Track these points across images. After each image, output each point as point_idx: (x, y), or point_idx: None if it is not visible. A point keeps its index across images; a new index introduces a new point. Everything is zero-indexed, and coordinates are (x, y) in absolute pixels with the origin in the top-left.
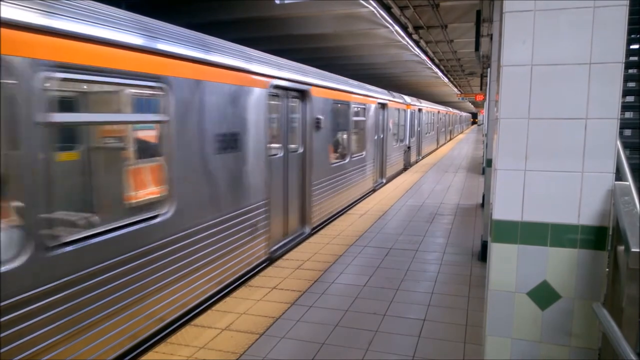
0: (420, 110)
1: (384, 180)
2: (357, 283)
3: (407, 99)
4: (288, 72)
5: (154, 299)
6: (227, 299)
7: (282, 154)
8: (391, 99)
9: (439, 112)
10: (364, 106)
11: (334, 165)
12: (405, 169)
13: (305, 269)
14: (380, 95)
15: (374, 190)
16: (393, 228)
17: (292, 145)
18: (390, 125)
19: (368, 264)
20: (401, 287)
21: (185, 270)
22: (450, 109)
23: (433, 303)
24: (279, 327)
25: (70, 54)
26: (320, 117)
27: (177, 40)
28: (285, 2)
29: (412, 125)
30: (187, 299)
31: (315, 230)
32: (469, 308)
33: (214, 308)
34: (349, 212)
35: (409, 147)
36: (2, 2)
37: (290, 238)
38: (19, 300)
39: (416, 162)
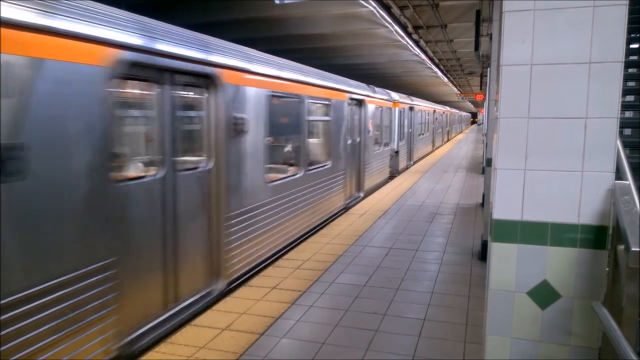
0: (411, 108)
1: (362, 194)
2: (357, 283)
3: (395, 95)
4: (165, 42)
5: None
6: (228, 298)
7: (160, 175)
8: (370, 94)
9: (434, 111)
10: (327, 102)
11: (275, 183)
12: (392, 177)
13: (305, 268)
14: (354, 89)
15: (346, 209)
16: (393, 227)
17: (192, 159)
18: (370, 126)
19: (368, 263)
20: (401, 286)
21: None
22: (448, 107)
23: (433, 303)
24: (279, 327)
25: None
26: (244, 116)
27: None
28: (285, 2)
29: (401, 126)
30: None
31: (239, 281)
32: (469, 307)
33: (214, 308)
34: (349, 212)
35: (397, 152)
36: None
37: (182, 306)
38: None
39: (407, 168)
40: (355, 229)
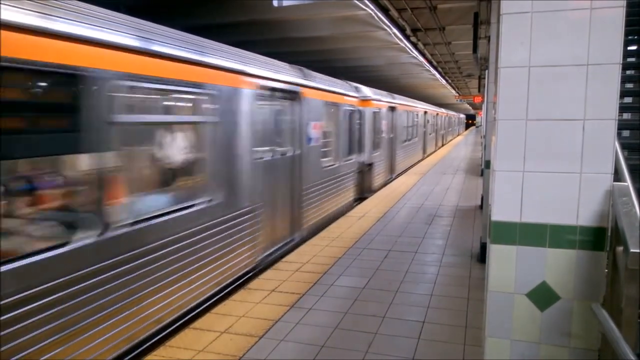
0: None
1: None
2: (356, 285)
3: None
4: None
5: None
6: (227, 301)
7: None
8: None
9: (329, 100)
10: None
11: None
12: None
13: (304, 271)
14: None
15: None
16: (392, 230)
17: None
18: None
19: (367, 266)
20: (400, 289)
21: None
22: (407, 101)
23: (432, 305)
24: (278, 329)
25: None
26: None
27: None
28: (284, 4)
29: None
30: None
31: None
32: (469, 310)
33: (212, 311)
34: (348, 214)
35: None
36: None
37: None
38: None
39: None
40: (354, 231)
